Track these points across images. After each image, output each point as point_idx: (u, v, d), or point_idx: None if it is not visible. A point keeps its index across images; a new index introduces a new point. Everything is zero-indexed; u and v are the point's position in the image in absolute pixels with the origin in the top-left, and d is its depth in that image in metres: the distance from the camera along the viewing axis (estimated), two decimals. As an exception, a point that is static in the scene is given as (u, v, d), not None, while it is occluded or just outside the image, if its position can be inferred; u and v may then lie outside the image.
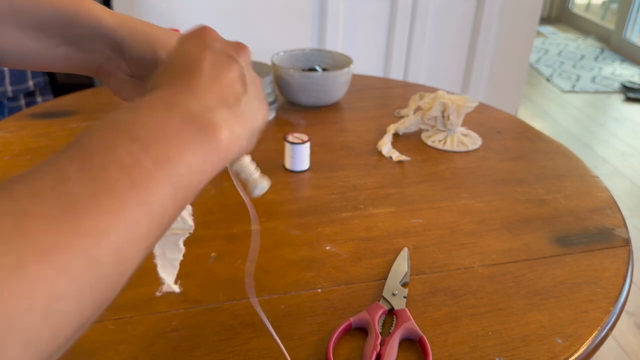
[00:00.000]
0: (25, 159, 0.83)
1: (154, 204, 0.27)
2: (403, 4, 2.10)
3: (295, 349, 0.51)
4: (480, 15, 2.19)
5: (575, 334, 0.54)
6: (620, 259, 0.65)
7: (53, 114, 0.98)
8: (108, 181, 0.25)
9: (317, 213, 0.72)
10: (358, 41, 2.14)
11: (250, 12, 1.99)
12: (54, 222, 0.22)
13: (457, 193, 0.78)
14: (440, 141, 0.92)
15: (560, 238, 0.69)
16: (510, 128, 1.01)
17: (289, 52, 1.12)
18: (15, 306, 0.20)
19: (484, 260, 0.64)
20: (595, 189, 0.81)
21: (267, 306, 0.56)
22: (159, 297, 0.57)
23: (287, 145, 0.82)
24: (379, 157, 0.88)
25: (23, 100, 1.62)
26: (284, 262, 0.63)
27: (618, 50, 4.02)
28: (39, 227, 0.22)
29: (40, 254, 0.21)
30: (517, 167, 0.86)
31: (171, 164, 0.28)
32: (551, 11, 4.88)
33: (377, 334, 0.51)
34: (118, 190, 0.25)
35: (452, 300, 0.58)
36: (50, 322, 0.21)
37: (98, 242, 0.23)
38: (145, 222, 0.26)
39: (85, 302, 0.23)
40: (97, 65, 0.47)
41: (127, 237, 0.25)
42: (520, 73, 2.40)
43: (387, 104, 1.08)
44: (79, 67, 0.47)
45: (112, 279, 0.25)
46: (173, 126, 0.29)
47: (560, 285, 0.61)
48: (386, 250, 0.65)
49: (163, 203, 0.27)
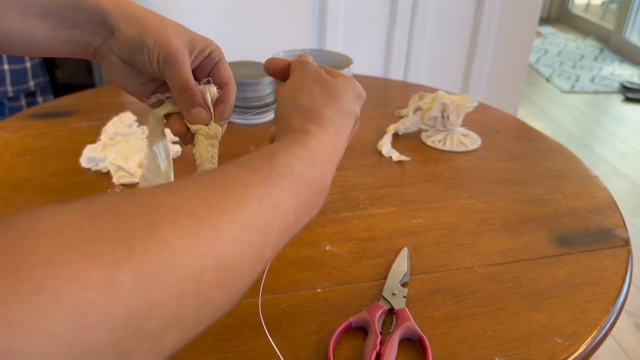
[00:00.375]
0: (26, 159, 0.83)
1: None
2: (403, 4, 2.10)
3: (295, 348, 0.51)
4: (480, 15, 2.19)
5: (575, 333, 0.54)
6: (620, 259, 0.65)
7: (53, 114, 0.98)
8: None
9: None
10: (358, 41, 2.14)
11: (250, 12, 1.99)
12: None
13: (457, 193, 0.78)
14: (440, 141, 0.92)
15: (560, 238, 0.69)
16: (510, 128, 1.01)
17: (289, 52, 1.12)
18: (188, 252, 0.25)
19: (483, 260, 0.64)
20: (595, 189, 0.81)
21: (267, 306, 0.56)
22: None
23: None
24: (379, 157, 0.88)
25: (24, 100, 1.62)
26: (284, 261, 0.63)
27: (617, 50, 4.02)
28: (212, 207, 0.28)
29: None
30: (517, 167, 0.86)
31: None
32: (551, 11, 4.88)
33: (377, 334, 0.51)
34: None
35: (452, 300, 0.58)
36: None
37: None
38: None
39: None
40: (94, 49, 0.48)
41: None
42: (520, 73, 2.41)
43: (387, 104, 1.09)
44: (76, 51, 0.48)
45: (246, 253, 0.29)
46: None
47: (560, 285, 0.61)
48: (386, 250, 0.66)
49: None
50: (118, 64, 0.48)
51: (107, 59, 0.48)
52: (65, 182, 0.78)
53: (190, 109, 0.46)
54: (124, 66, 0.48)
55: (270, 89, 0.99)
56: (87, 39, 0.46)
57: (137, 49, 0.45)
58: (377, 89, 1.18)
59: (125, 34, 0.45)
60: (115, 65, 0.48)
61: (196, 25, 2.05)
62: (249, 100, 0.97)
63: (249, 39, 2.02)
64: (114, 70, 0.48)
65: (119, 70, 0.48)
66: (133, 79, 0.49)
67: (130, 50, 0.46)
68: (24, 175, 0.79)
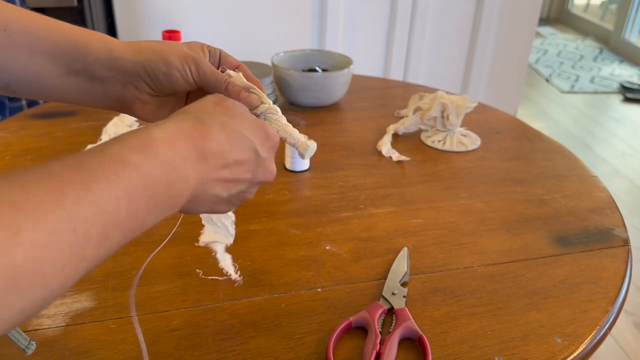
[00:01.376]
0: (26, 159, 0.83)
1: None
2: (403, 4, 2.10)
3: (295, 348, 0.51)
4: (479, 15, 2.19)
5: (574, 333, 0.54)
6: (620, 259, 0.65)
7: (54, 114, 0.98)
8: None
9: (317, 213, 0.72)
10: (358, 41, 2.15)
11: (250, 13, 1.99)
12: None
13: (456, 193, 0.78)
14: (439, 141, 0.93)
15: (560, 238, 0.69)
16: (509, 128, 1.01)
17: (289, 53, 1.12)
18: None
19: (483, 260, 0.64)
20: (595, 189, 0.81)
21: (268, 305, 0.56)
22: (159, 297, 0.57)
23: (287, 145, 0.82)
24: (379, 157, 0.88)
25: (24, 100, 1.62)
26: (284, 261, 0.63)
27: (617, 50, 4.02)
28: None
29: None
30: (517, 167, 0.86)
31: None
32: (550, 12, 4.88)
33: (376, 333, 0.51)
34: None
35: (452, 300, 0.58)
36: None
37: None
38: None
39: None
40: (116, 96, 0.48)
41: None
42: (520, 73, 2.41)
43: (386, 104, 1.09)
44: (96, 99, 0.48)
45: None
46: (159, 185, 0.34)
47: (560, 285, 0.61)
48: (386, 250, 0.66)
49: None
50: (150, 101, 0.49)
51: (138, 101, 0.48)
52: (66, 182, 0.78)
53: (238, 95, 0.47)
54: (153, 100, 0.49)
55: (270, 89, 0.99)
56: (102, 86, 0.48)
57: (164, 72, 0.46)
58: (377, 89, 1.18)
59: (149, 64, 0.46)
60: (148, 103, 0.49)
61: (196, 25, 2.06)
62: (249, 101, 0.97)
63: (249, 39, 2.02)
64: (147, 108, 0.49)
65: (152, 107, 0.49)
66: (165, 109, 0.50)
67: (158, 78, 0.47)
68: (24, 175, 0.79)
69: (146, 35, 1.90)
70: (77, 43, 0.46)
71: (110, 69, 0.46)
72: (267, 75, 0.98)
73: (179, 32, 0.94)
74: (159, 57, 0.46)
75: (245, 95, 0.47)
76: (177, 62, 0.46)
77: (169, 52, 0.46)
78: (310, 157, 0.48)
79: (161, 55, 0.46)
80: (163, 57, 0.46)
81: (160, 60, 0.46)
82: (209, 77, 0.47)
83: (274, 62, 1.06)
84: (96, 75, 0.47)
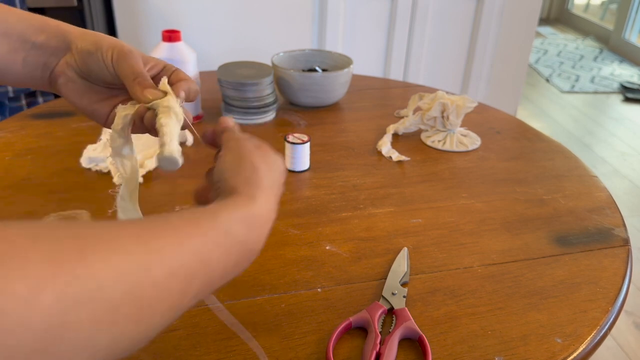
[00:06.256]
0: (26, 159, 0.83)
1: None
2: (403, 4, 2.10)
3: (295, 348, 0.51)
4: (479, 15, 2.19)
5: (574, 333, 0.54)
6: (619, 259, 0.65)
7: (54, 114, 0.98)
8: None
9: (317, 213, 0.72)
10: (358, 41, 2.15)
11: (250, 13, 1.99)
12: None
13: (456, 193, 0.78)
14: (439, 141, 0.93)
15: (560, 238, 0.69)
16: (509, 128, 1.01)
17: (289, 53, 1.12)
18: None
19: (483, 260, 0.64)
20: (595, 189, 0.81)
21: (268, 305, 0.56)
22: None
23: (287, 145, 0.82)
24: (379, 157, 0.88)
25: (24, 100, 1.62)
26: (284, 261, 0.63)
27: (617, 50, 4.02)
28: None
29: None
30: (517, 167, 0.86)
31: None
32: (550, 12, 4.88)
33: (376, 333, 0.51)
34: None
35: (452, 300, 0.58)
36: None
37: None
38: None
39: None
40: (50, 69, 0.49)
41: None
42: (520, 73, 2.41)
43: (386, 104, 1.09)
44: (34, 74, 0.49)
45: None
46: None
47: (560, 285, 0.61)
48: (386, 250, 0.66)
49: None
50: (75, 80, 0.49)
51: (64, 75, 0.49)
52: (66, 182, 0.78)
53: (143, 90, 0.46)
54: (80, 82, 0.49)
55: (270, 89, 0.99)
56: (45, 59, 0.48)
57: (91, 54, 0.47)
58: (377, 89, 1.18)
59: (82, 44, 0.47)
60: (73, 82, 0.49)
61: (197, 26, 2.06)
62: (249, 100, 0.97)
63: (249, 39, 2.02)
64: (71, 87, 0.49)
65: (76, 88, 0.49)
66: (91, 95, 0.50)
67: (85, 58, 0.47)
68: (24, 175, 0.79)
69: (146, 35, 1.90)
70: (35, 21, 0.48)
71: (56, 45, 0.48)
72: (267, 75, 0.98)
73: (179, 32, 0.94)
74: (95, 39, 0.47)
75: (148, 91, 0.46)
76: (104, 46, 0.47)
77: (105, 39, 0.47)
78: (171, 169, 0.43)
79: (98, 39, 0.47)
80: (97, 40, 0.47)
81: (93, 41, 0.47)
82: (124, 66, 0.46)
83: (274, 62, 1.06)
84: (37, 43, 0.48)
